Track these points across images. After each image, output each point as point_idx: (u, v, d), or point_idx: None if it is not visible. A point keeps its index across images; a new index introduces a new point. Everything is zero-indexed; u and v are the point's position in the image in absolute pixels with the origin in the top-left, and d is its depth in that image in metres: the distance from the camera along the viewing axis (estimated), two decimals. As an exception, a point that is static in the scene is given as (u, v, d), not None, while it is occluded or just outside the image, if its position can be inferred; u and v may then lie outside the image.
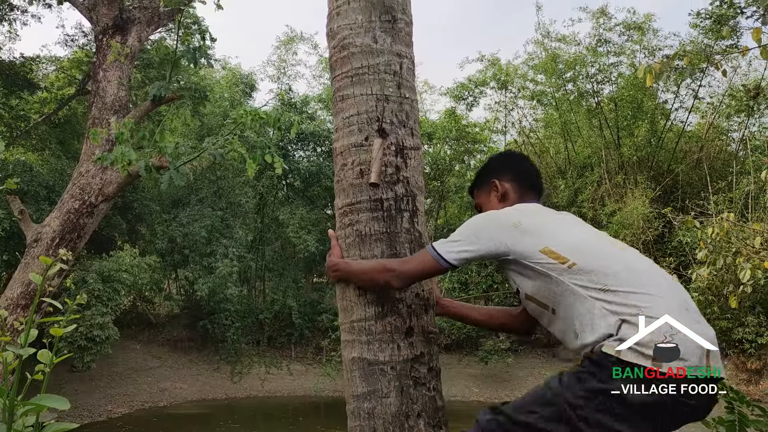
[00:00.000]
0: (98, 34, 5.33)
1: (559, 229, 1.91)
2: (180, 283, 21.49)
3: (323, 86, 20.86)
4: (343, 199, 2.24)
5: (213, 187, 19.88)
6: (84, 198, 4.68)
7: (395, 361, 2.07)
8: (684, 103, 20.81)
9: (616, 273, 1.71)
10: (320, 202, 21.65)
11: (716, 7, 16.76)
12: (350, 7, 2.29)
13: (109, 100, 4.94)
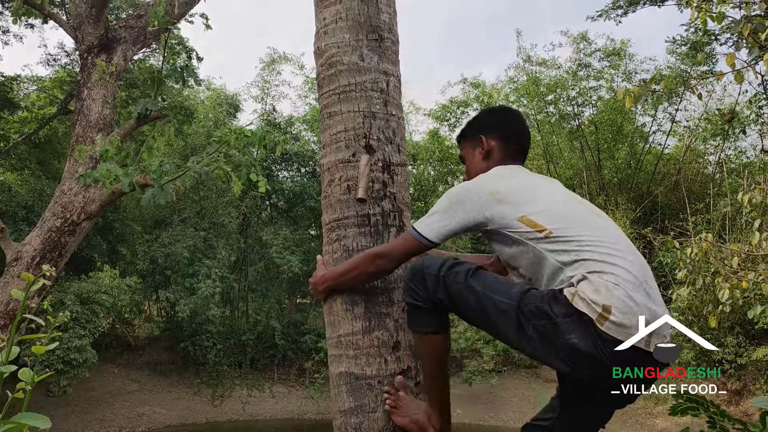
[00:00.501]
0: (83, 52, 5.32)
1: (537, 195, 1.94)
2: (161, 304, 21.26)
3: (308, 106, 20.96)
4: (331, 215, 2.25)
5: (196, 207, 19.79)
6: (66, 216, 4.64)
7: (382, 375, 2.07)
8: (662, 126, 21.19)
9: (591, 243, 1.78)
10: (304, 223, 21.62)
11: (692, 33, 17.14)
12: (338, 26, 2.33)
13: (93, 118, 4.93)
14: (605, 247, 1.77)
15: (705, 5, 7.15)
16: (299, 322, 20.91)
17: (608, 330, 1.66)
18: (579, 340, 1.68)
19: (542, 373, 19.64)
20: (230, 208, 20.04)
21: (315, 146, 21.26)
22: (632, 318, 1.66)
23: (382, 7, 2.35)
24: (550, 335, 1.72)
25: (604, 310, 1.67)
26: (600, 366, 1.69)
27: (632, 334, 1.66)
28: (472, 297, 1.81)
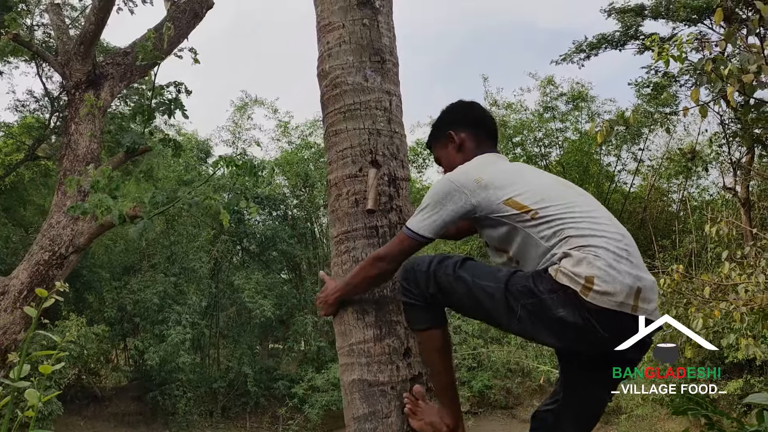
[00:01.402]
0: (70, 88, 5.36)
1: (520, 178, 2.02)
2: (129, 353, 20.73)
3: (280, 150, 21.08)
4: (339, 228, 2.32)
5: (166, 252, 19.53)
6: (54, 249, 4.61)
7: (395, 381, 2.11)
8: (626, 166, 21.78)
9: (573, 219, 1.87)
10: (276, 266, 21.47)
11: (653, 75, 17.84)
12: (341, 49, 2.44)
13: (81, 152, 4.94)
14: (587, 223, 1.86)
15: (666, 46, 7.50)
16: (272, 367, 20.54)
17: (593, 300, 1.73)
18: (566, 313, 1.76)
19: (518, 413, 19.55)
20: (201, 252, 19.82)
21: (287, 190, 21.32)
22: (615, 286, 1.74)
23: (383, 32, 2.48)
24: (539, 312, 1.80)
25: (586, 281, 1.74)
26: (590, 335, 1.77)
27: (617, 301, 1.74)
28: (462, 287, 1.88)
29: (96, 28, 5.42)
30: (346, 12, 2.45)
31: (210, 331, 20.24)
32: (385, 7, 2.53)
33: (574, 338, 1.82)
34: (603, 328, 1.75)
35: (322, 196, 20.42)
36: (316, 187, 20.40)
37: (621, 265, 1.77)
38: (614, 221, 1.94)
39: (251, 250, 21.20)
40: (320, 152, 20.37)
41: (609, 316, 1.74)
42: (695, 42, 10.11)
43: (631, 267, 1.80)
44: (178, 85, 4.16)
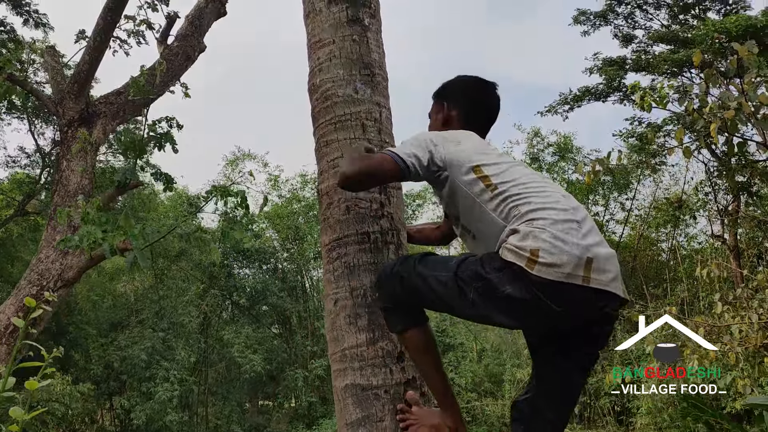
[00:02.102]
0: (63, 126, 5.41)
1: (488, 154, 2.04)
2: (115, 412, 20.19)
3: (271, 203, 21.12)
4: (330, 235, 2.32)
5: (155, 307, 19.28)
6: (42, 284, 4.55)
7: (388, 384, 2.08)
8: (614, 215, 21.97)
9: (527, 195, 1.88)
10: (266, 320, 21.21)
11: (636, 126, 18.21)
12: (332, 63, 2.50)
13: (72, 188, 4.95)
14: (538, 197, 1.88)
15: (648, 91, 7.68)
16: (261, 425, 20.03)
17: (539, 273, 1.71)
18: (513, 290, 1.74)
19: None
20: (190, 307, 19.59)
21: (277, 243, 21.27)
22: (561, 257, 1.72)
23: (372, 47, 2.54)
24: (488, 293, 1.79)
25: (531, 254, 1.73)
26: (541, 311, 1.75)
27: (564, 272, 1.71)
28: (421, 282, 1.90)
29: (90, 67, 5.53)
30: (336, 29, 2.52)
31: (198, 387, 19.79)
32: (374, 26, 2.61)
33: (525, 315, 1.82)
34: (553, 301, 1.73)
35: (312, 249, 20.38)
36: (306, 240, 20.38)
37: (569, 236, 1.76)
38: (569, 197, 1.96)
39: (241, 304, 20.98)
40: (310, 205, 20.45)
41: (557, 288, 1.71)
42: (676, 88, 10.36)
43: (580, 238, 1.78)
44: (169, 120, 4.23)
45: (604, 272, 1.77)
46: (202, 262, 19.08)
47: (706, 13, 17.51)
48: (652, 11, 17.84)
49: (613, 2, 17.45)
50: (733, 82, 6.03)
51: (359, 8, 2.55)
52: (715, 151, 18.16)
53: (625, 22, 17.57)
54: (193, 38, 6.15)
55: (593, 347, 1.97)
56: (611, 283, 1.78)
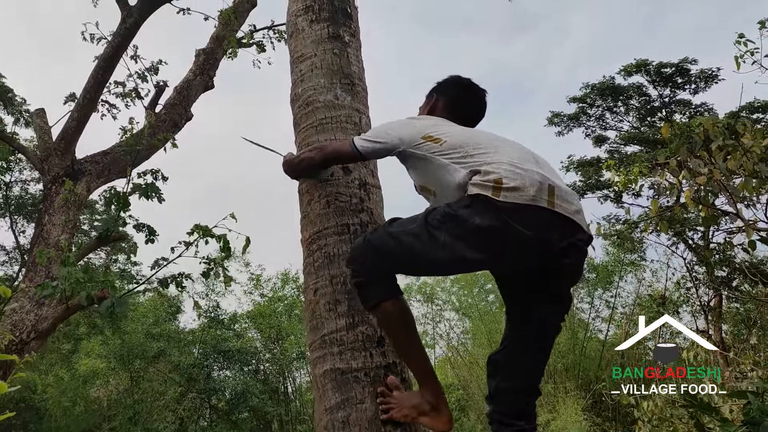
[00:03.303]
0: (47, 183, 5.43)
1: (444, 126, 2.17)
2: None
3: (253, 303, 20.84)
4: (310, 230, 2.33)
5: (129, 412, 18.45)
6: (15, 334, 4.39)
7: (368, 367, 2.03)
8: (600, 313, 21.88)
9: (477, 143, 1.98)
10: (247, 426, 20.29)
11: (613, 224, 18.58)
12: (313, 73, 2.61)
13: (52, 241, 4.88)
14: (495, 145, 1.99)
15: (623, 171, 7.93)
16: None
17: (505, 198, 1.77)
18: (482, 220, 1.78)
19: None
20: (166, 412, 18.78)
21: (259, 344, 20.80)
22: (524, 180, 1.80)
23: (352, 60, 2.67)
24: (458, 230, 1.82)
25: (495, 183, 1.80)
26: (511, 236, 1.78)
27: (529, 195, 1.78)
28: (393, 241, 1.93)
29: (78, 124, 5.64)
30: (318, 44, 2.66)
31: (172, 500, 18.61)
32: (354, 44, 2.75)
33: (496, 246, 1.82)
34: (522, 225, 1.76)
35: (294, 349, 19.92)
36: (288, 339, 19.97)
37: (527, 165, 1.87)
38: (525, 147, 2.06)
39: (220, 407, 20.16)
40: (292, 303, 20.22)
41: (524, 211, 1.77)
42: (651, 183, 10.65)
43: (537, 167, 1.88)
44: (155, 173, 4.29)
45: (568, 203, 1.84)
46: (181, 363, 18.52)
47: (673, 116, 18.40)
48: (621, 114, 18.72)
49: (585, 105, 18.32)
50: (701, 152, 6.21)
51: (340, 26, 2.70)
52: (693, 246, 18.50)
53: (597, 124, 18.36)
54: (180, 107, 6.36)
55: (566, 282, 1.97)
56: (576, 215, 1.84)
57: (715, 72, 16.76)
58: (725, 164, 5.55)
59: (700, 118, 6.07)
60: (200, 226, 3.77)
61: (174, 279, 4.21)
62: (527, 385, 1.99)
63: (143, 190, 4.06)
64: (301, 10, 2.81)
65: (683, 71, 16.90)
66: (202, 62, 7.05)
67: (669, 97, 17.93)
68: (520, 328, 2.01)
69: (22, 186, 16.61)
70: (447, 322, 23.25)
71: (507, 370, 1.99)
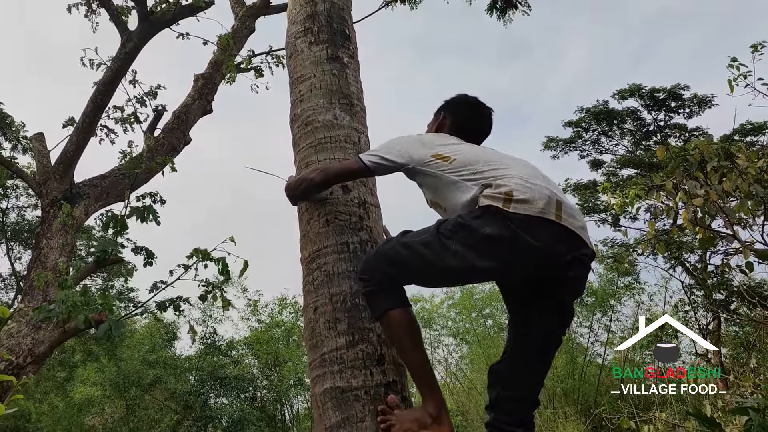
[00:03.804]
0: (46, 206, 5.42)
1: (454, 143, 2.26)
2: None
3: (250, 329, 20.71)
4: (310, 249, 2.33)
5: (124, 441, 18.23)
6: (12, 358, 4.34)
7: (368, 385, 2.01)
8: (599, 337, 21.78)
9: (487, 161, 2.07)
10: (242, 455, 20.03)
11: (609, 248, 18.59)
12: (312, 93, 2.64)
13: (50, 264, 4.86)
14: (505, 163, 2.07)
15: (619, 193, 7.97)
16: None
17: (516, 210, 1.86)
18: (492, 230, 1.86)
19: None
20: (162, 440, 18.55)
21: (256, 370, 20.62)
22: (533, 194, 1.90)
23: (350, 81, 2.70)
24: (469, 239, 1.90)
25: (506, 195, 1.90)
26: (520, 247, 1.85)
27: (538, 208, 1.87)
28: (406, 251, 1.99)
29: (76, 148, 5.66)
30: (317, 65, 2.69)
31: None
32: (353, 65, 2.79)
33: (505, 255, 1.88)
34: (530, 236, 1.83)
35: (291, 376, 19.76)
36: (286, 366, 19.81)
37: (535, 180, 1.95)
38: (532, 164, 2.15)
39: (216, 436, 19.90)
40: (290, 329, 20.11)
41: (533, 223, 1.85)
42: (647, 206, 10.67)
43: (546, 183, 1.97)
44: (153, 196, 4.29)
45: (574, 218, 1.91)
46: (178, 390, 18.33)
47: (668, 140, 18.52)
48: (617, 138, 18.84)
49: (581, 129, 18.45)
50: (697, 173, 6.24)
51: (338, 47, 2.74)
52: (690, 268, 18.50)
53: (593, 147, 18.48)
54: (179, 131, 6.39)
55: (569, 295, 2.01)
56: (581, 231, 1.91)
57: (708, 97, 16.93)
58: (721, 186, 5.58)
59: (696, 141, 6.13)
60: (199, 249, 3.76)
61: (172, 302, 4.19)
62: (528, 394, 2.02)
63: (140, 213, 4.05)
64: (300, 32, 2.85)
65: (676, 96, 17.07)
66: (201, 87, 7.12)
67: (663, 121, 18.08)
68: (522, 339, 2.04)
69: (18, 212, 16.60)
70: (445, 348, 23.12)
71: (508, 380, 2.01)
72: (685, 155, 6.38)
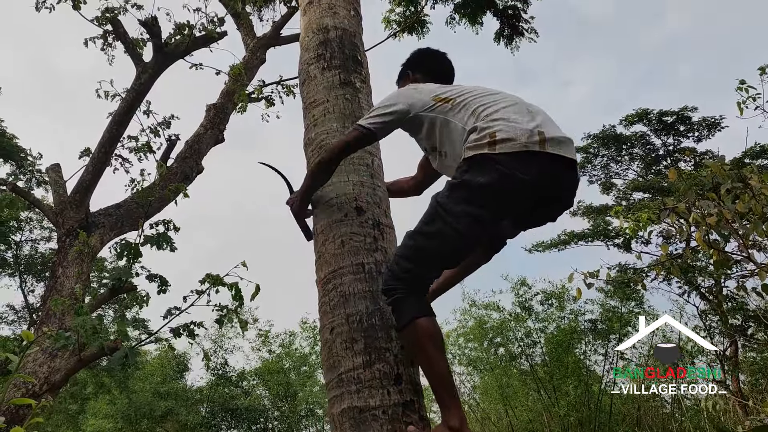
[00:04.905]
0: (62, 236, 5.48)
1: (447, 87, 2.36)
2: None
3: (261, 359, 20.61)
4: (326, 270, 2.35)
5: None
6: (28, 386, 4.35)
7: (386, 405, 2.01)
8: (614, 363, 21.49)
9: (480, 101, 2.17)
10: (253, 489, 19.79)
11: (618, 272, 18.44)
12: (326, 118, 2.68)
13: (65, 293, 4.89)
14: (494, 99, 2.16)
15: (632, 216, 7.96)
16: None
17: (501, 149, 1.96)
18: (483, 178, 1.95)
19: None
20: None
21: (267, 401, 20.47)
22: (516, 132, 1.99)
23: (363, 105, 2.74)
24: (465, 196, 1.98)
25: (490, 137, 1.99)
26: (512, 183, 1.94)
27: (521, 142, 1.96)
28: (414, 239, 2.07)
29: (92, 177, 5.74)
30: (330, 90, 2.73)
31: None
32: (365, 90, 2.83)
33: (502, 196, 1.97)
34: (519, 170, 1.93)
35: (303, 406, 19.60)
36: (297, 396, 19.65)
37: (519, 117, 2.04)
38: (523, 100, 2.22)
39: (228, 469, 19.71)
40: (302, 359, 20.00)
41: (520, 158, 1.95)
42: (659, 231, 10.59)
43: (531, 120, 2.04)
44: (166, 223, 4.33)
45: (562, 146, 2.02)
46: (189, 422, 18.20)
47: (678, 164, 18.48)
48: (626, 163, 18.83)
49: (590, 155, 18.46)
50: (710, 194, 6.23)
51: (351, 73, 2.79)
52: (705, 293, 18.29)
53: (602, 172, 18.47)
54: (191, 160, 6.48)
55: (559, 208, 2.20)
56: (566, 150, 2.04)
57: (717, 120, 16.91)
58: (734, 206, 5.56)
59: (708, 162, 6.11)
60: (212, 275, 3.79)
61: (186, 328, 4.20)
62: None
63: (155, 240, 4.09)
64: (312, 59, 2.90)
65: (684, 119, 17.07)
66: (213, 116, 7.23)
67: (673, 145, 18.06)
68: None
69: (32, 245, 16.73)
70: (457, 376, 22.89)
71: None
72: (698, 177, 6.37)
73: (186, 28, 6.47)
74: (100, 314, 3.97)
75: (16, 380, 4.33)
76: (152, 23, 6.42)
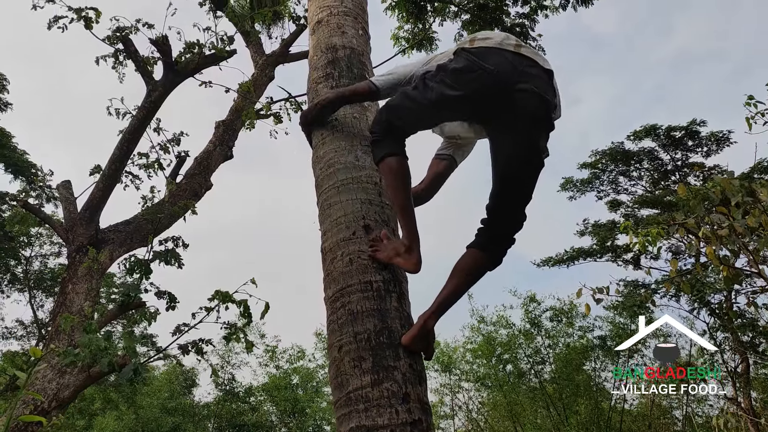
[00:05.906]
0: (72, 252, 5.52)
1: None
2: None
3: (268, 375, 20.58)
4: (334, 288, 2.35)
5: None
6: (36, 403, 4.37)
7: (394, 424, 2.00)
8: (624, 380, 21.29)
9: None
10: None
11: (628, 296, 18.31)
12: (334, 136, 2.70)
13: (74, 309, 4.92)
14: None
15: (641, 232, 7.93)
16: None
17: (477, 45, 2.28)
18: (456, 63, 2.28)
19: None
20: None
21: (275, 417, 20.40)
22: (494, 37, 2.31)
23: (371, 123, 2.76)
24: (443, 76, 2.28)
25: (471, 39, 2.34)
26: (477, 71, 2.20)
27: (496, 42, 2.26)
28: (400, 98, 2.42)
29: (102, 194, 5.79)
30: (338, 109, 2.75)
31: None
32: (372, 108, 2.86)
33: (467, 81, 2.22)
34: (485, 61, 2.21)
35: (311, 423, 19.52)
36: (305, 412, 19.58)
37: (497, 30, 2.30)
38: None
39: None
40: (309, 374, 19.94)
41: (490, 52, 2.23)
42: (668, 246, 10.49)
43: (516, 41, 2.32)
44: (175, 240, 4.36)
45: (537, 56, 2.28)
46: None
47: (686, 179, 18.41)
48: (635, 178, 18.78)
49: (598, 171, 18.44)
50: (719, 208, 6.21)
51: (359, 91, 2.80)
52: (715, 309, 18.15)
53: (610, 187, 18.42)
54: (200, 176, 6.54)
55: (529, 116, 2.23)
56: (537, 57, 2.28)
57: (726, 134, 16.83)
58: (744, 220, 5.54)
59: (717, 177, 6.10)
60: (221, 291, 3.80)
61: (194, 345, 4.21)
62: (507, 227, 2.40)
63: (164, 256, 4.12)
64: (321, 78, 2.93)
65: (693, 133, 17.01)
66: (222, 133, 7.30)
67: (681, 160, 18.00)
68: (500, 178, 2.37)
69: (41, 260, 16.81)
70: (465, 393, 22.74)
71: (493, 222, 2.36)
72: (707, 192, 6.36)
73: (196, 47, 6.54)
74: (109, 331, 3.99)
75: (25, 397, 4.34)
76: (163, 42, 6.50)
